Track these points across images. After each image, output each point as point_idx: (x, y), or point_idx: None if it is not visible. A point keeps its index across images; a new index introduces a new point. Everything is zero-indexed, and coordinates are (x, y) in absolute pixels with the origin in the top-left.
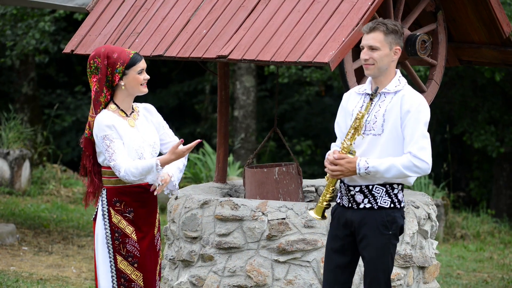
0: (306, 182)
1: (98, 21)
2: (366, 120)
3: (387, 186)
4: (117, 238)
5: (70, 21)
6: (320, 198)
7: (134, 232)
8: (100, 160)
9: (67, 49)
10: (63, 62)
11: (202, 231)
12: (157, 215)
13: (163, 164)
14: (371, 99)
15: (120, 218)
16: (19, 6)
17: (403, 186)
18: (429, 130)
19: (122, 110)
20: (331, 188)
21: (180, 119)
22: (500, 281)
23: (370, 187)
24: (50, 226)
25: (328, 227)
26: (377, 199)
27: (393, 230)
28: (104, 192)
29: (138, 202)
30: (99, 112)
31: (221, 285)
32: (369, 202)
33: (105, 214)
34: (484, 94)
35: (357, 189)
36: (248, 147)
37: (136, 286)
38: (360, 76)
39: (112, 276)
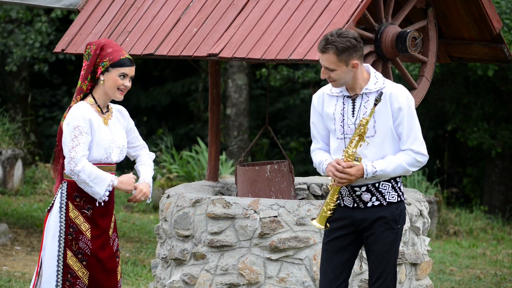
0: (298, 179)
1: (89, 20)
2: (353, 123)
3: (392, 181)
4: (70, 233)
5: (67, 23)
6: (324, 207)
7: (90, 229)
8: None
9: (58, 48)
10: (56, 62)
11: (194, 229)
12: (113, 217)
13: (117, 186)
14: (375, 104)
15: (77, 213)
16: (5, 6)
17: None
18: (421, 127)
19: (98, 106)
20: (335, 197)
21: (174, 118)
22: (493, 277)
23: (377, 184)
24: (43, 226)
25: None
26: (385, 195)
27: (401, 224)
28: (64, 185)
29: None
30: (78, 101)
31: (214, 283)
32: (377, 199)
33: (62, 207)
34: (477, 90)
35: (364, 188)
36: (241, 145)
37: (81, 283)
38: None
39: (58, 270)
